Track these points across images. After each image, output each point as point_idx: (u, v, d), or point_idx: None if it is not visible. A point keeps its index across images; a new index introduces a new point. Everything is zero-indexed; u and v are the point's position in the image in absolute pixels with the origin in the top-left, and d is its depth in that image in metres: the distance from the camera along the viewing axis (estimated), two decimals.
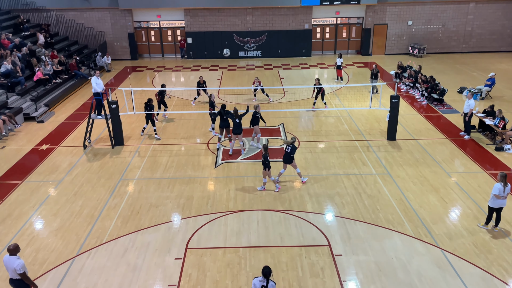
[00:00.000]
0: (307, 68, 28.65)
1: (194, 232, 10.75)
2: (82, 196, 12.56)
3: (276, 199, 12.21)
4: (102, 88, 16.02)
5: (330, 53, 32.65)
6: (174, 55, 32.94)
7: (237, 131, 14.63)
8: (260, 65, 29.58)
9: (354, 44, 33.07)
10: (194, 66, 29.72)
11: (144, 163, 14.69)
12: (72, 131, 17.71)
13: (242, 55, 31.93)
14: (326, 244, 10.25)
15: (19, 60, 21.64)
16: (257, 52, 31.94)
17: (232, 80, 25.48)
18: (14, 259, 7.69)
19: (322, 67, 28.98)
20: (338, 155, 15.08)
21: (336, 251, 9.99)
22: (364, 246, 10.17)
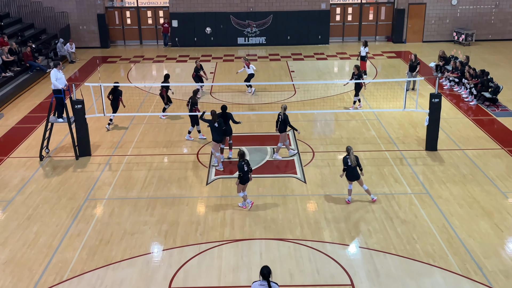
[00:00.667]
0: (323, 59, 28.81)
1: (179, 267, 10.74)
2: (38, 221, 12.59)
3: (285, 225, 12.23)
4: (64, 83, 16.09)
5: (353, 40, 32.85)
6: (155, 42, 33.17)
7: (217, 138, 14.84)
8: (264, 55, 29.75)
9: (384, 29, 33.25)
10: (180, 56, 29.93)
11: (117, 179, 14.73)
12: (25, 138, 17.79)
13: (241, 42, 32.14)
14: (348, 283, 10.23)
15: None
16: (260, 39, 32.15)
17: (228, 74, 25.63)
18: None
19: (343, 57, 29.14)
20: (364, 169, 15.06)
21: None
22: (396, 286, 10.12)
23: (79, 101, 15.77)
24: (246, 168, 12.61)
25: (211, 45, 31.88)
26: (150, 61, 29.06)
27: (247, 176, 12.67)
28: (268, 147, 16.65)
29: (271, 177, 14.64)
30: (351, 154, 12.79)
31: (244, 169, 12.57)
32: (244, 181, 12.71)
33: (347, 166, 12.86)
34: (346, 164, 12.87)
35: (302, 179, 14.57)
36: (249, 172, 12.73)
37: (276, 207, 13.03)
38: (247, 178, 12.72)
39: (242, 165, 12.55)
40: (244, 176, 12.61)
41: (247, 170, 12.62)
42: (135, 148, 16.81)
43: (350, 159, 12.79)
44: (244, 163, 12.59)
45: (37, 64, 25.11)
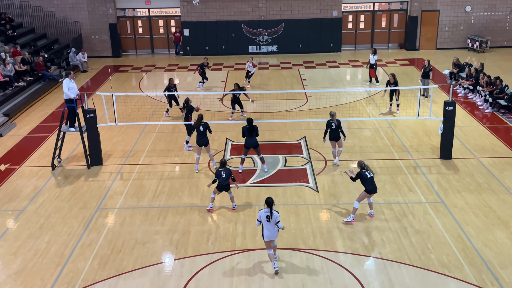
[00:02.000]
0: (335, 67, 28.82)
1: (191, 277, 10.75)
2: (50, 230, 12.68)
3: (297, 234, 12.20)
4: (76, 93, 16.25)
5: (365, 48, 32.84)
6: (167, 51, 33.43)
7: (201, 141, 15.30)
8: (275, 63, 29.84)
9: (397, 36, 33.22)
10: (192, 64, 30.10)
11: (128, 188, 14.81)
12: (37, 148, 17.97)
13: (253, 50, 32.28)
14: None
15: None
16: (272, 47, 32.26)
17: (240, 82, 25.67)
18: None
19: (355, 65, 29.12)
20: (377, 178, 15.00)
21: None
22: None
23: (91, 110, 15.91)
24: (224, 176, 12.84)
25: (222, 54, 32.03)
26: (162, 70, 29.26)
27: (222, 184, 12.96)
28: (280, 156, 16.65)
29: (283, 186, 14.63)
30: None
31: (222, 176, 12.86)
32: (220, 188, 13.05)
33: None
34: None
35: (315, 188, 14.53)
36: (228, 180, 12.95)
37: (288, 217, 13.01)
38: (224, 186, 13.01)
39: (220, 172, 12.88)
40: (220, 184, 12.95)
41: (224, 177, 12.86)
42: (146, 157, 16.89)
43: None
44: (223, 171, 12.85)
45: (49, 74, 25.40)
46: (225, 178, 12.88)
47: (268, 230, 10.43)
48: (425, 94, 22.18)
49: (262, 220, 10.39)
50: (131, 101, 22.43)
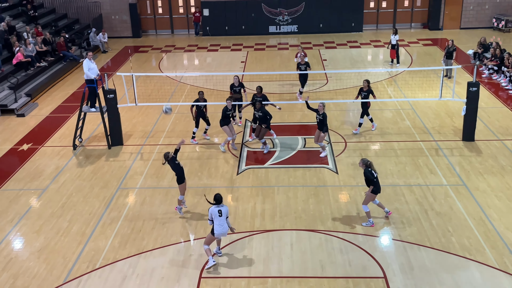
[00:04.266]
0: (357, 47, 28.44)
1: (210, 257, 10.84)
2: (71, 209, 12.87)
3: (316, 216, 12.19)
4: (97, 73, 16.33)
5: (387, 28, 32.28)
6: (186, 32, 33.33)
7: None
8: (295, 44, 29.56)
9: (420, 16, 32.59)
10: (211, 45, 30.00)
11: (148, 168, 14.92)
12: (59, 128, 18.18)
13: (273, 30, 31.99)
14: (380, 275, 10.14)
15: None
16: (292, 27, 31.94)
17: (259, 63, 25.58)
18: None
19: (377, 45, 28.71)
20: (397, 160, 14.89)
21: (394, 285, 9.86)
22: (431, 279, 9.99)
23: (111, 90, 15.99)
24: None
25: (242, 34, 31.83)
26: (181, 50, 29.23)
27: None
28: (300, 137, 16.58)
29: (303, 168, 14.59)
30: (372, 166, 11.55)
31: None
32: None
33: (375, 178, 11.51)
34: (373, 176, 11.46)
35: (334, 169, 14.47)
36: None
37: (307, 198, 12.99)
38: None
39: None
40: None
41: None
42: (166, 137, 16.97)
43: (374, 170, 11.53)
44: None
45: (70, 54, 25.55)
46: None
47: (220, 226, 10.18)
48: (448, 74, 21.80)
49: (214, 216, 10.16)
50: (151, 82, 22.49)
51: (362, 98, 16.38)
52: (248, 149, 15.84)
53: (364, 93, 16.28)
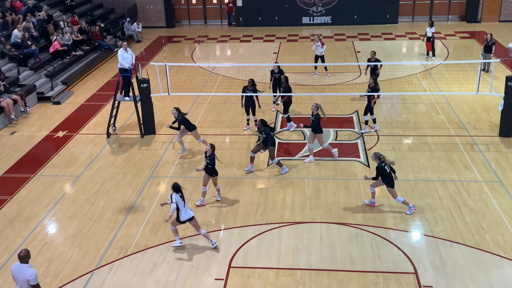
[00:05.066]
0: (391, 39, 28.00)
1: (239, 247, 10.90)
2: (104, 196, 13.11)
3: (347, 209, 12.11)
4: (130, 63, 16.48)
5: (423, 20, 31.64)
6: (219, 22, 33.38)
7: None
8: (329, 35, 29.28)
9: (457, 8, 31.83)
10: (244, 36, 29.97)
11: (179, 157, 15.06)
12: (93, 116, 18.50)
13: (306, 21, 31.75)
14: (411, 271, 10.03)
15: (33, 28, 22.86)
16: (325, 18, 31.63)
17: (292, 55, 25.45)
18: (26, 267, 8.18)
19: (412, 38, 28.20)
20: (431, 154, 14.65)
21: (425, 281, 9.75)
22: (463, 276, 9.83)
23: (144, 80, 16.16)
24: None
25: (275, 25, 31.70)
26: (214, 41, 29.30)
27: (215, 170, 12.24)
28: (331, 129, 16.46)
29: (334, 160, 14.49)
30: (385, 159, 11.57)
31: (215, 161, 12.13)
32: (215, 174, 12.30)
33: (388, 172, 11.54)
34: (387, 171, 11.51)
35: (366, 163, 14.33)
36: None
37: (338, 191, 12.91)
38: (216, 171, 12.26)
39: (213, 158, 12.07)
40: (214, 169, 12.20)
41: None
42: (197, 127, 17.02)
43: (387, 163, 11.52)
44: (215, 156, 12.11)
45: (105, 43, 25.91)
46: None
47: (185, 212, 10.51)
48: (485, 68, 21.27)
49: (179, 203, 10.41)
50: (184, 72, 22.64)
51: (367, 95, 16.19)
52: (278, 141, 15.81)
53: (369, 90, 16.00)
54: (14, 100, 18.11)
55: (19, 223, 12.05)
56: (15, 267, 8.26)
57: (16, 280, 8.26)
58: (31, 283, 8.14)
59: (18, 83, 19.81)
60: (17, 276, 8.19)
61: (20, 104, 18.49)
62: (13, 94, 18.32)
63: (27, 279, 8.11)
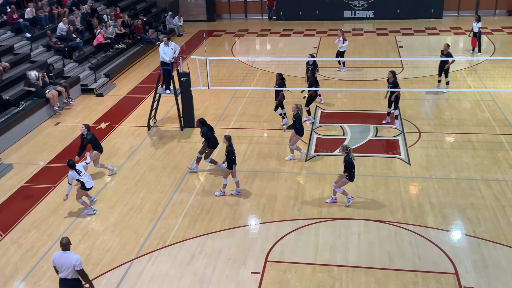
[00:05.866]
0: (435, 34, 27.38)
1: (276, 241, 10.91)
2: (144, 187, 13.34)
3: (386, 207, 11.95)
4: (171, 56, 16.65)
5: (469, 15, 30.80)
6: (260, 16, 33.37)
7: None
8: (371, 29, 28.88)
9: (505, 2, 30.83)
10: (284, 30, 29.88)
11: (218, 150, 15.16)
12: (135, 108, 18.82)
13: (347, 16, 31.39)
14: (452, 271, 9.83)
15: (79, 21, 23.40)
16: (367, 12, 31.18)
17: (332, 49, 25.19)
18: (70, 254, 8.42)
19: (457, 33, 27.50)
20: (475, 153, 14.29)
21: (466, 282, 9.54)
22: (506, 278, 9.58)
23: (185, 73, 16.33)
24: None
25: (316, 19, 31.46)
26: (254, 35, 29.32)
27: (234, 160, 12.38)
28: (371, 125, 16.25)
29: (373, 157, 14.31)
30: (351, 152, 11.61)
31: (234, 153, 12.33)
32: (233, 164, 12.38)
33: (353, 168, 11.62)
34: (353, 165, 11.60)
35: (406, 160, 14.09)
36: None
37: (377, 188, 12.75)
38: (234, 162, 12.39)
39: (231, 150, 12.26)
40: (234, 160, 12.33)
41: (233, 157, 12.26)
42: (236, 121, 17.16)
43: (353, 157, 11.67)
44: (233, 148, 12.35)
45: (147, 37, 26.28)
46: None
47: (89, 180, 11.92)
48: None
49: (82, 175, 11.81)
50: (223, 66, 22.75)
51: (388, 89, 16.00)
52: (317, 136, 15.73)
53: (390, 85, 15.82)
54: (59, 92, 18.61)
55: (62, 212, 12.40)
56: (57, 256, 8.47)
57: (59, 268, 8.47)
58: (77, 268, 8.38)
59: (63, 75, 20.34)
60: (61, 264, 8.40)
61: (64, 96, 19.00)
62: (58, 86, 18.83)
63: (73, 264, 8.34)
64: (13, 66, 19.04)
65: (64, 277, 8.45)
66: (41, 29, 22.21)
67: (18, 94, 17.67)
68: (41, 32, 21.90)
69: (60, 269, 8.47)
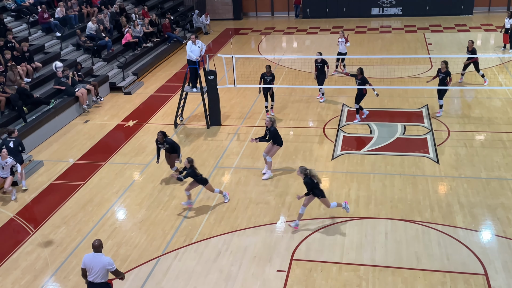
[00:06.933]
0: (465, 31, 26.91)
1: (302, 240, 10.89)
2: (171, 185, 13.46)
3: (413, 206, 11.81)
4: (198, 55, 16.74)
5: (501, 11, 30.18)
6: (286, 14, 33.32)
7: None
8: (399, 26, 28.54)
9: None
10: (311, 27, 29.76)
11: (244, 148, 15.20)
12: (162, 106, 19.00)
13: (375, 12, 31.10)
14: (481, 272, 9.66)
15: (108, 20, 23.73)
16: (396, 9, 30.83)
17: (359, 46, 25.01)
18: (101, 256, 8.47)
19: (488, 29, 26.97)
20: (506, 152, 14.00)
21: (496, 283, 9.37)
22: None
23: (211, 72, 16.40)
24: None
25: (343, 16, 31.23)
26: (281, 33, 29.27)
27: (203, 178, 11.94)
28: (399, 124, 16.07)
29: (401, 155, 14.16)
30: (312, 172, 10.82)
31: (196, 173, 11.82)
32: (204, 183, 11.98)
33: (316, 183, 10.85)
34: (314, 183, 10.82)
35: (435, 159, 13.89)
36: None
37: (404, 187, 12.61)
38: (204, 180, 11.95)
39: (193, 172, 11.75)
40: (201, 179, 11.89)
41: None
42: (262, 119, 17.15)
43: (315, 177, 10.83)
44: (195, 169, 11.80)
45: (174, 36, 26.49)
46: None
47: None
48: None
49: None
50: (250, 64, 22.78)
51: (440, 79, 16.14)
52: (344, 134, 15.63)
53: (442, 75, 15.99)
54: (88, 90, 18.91)
55: (91, 208, 12.61)
56: (89, 257, 8.45)
57: (89, 270, 8.42)
58: (111, 270, 8.44)
59: (92, 73, 20.66)
60: (93, 265, 8.38)
61: (93, 94, 19.29)
62: (87, 84, 19.13)
63: (105, 266, 8.37)
64: (43, 65, 19.42)
65: (93, 280, 8.44)
66: (70, 28, 22.60)
67: (49, 92, 18.01)
68: (71, 31, 22.28)
69: (89, 271, 8.44)
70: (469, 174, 13.00)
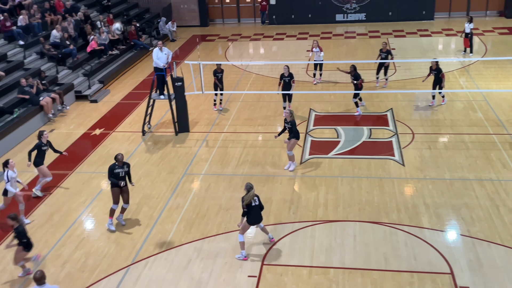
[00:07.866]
0: (427, 36, 27.53)
1: (272, 245, 10.91)
2: (140, 193, 13.31)
3: (381, 208, 11.98)
4: (165, 62, 16.64)
5: (460, 16, 31.00)
6: (253, 20, 33.45)
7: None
8: (363, 32, 28.99)
9: (496, 3, 31.05)
10: (277, 34, 29.95)
11: (213, 155, 15.17)
12: (129, 114, 18.80)
13: (340, 19, 31.51)
14: (447, 271, 9.85)
15: (72, 28, 23.36)
16: (360, 15, 31.32)
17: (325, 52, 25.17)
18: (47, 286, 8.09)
19: (448, 34, 27.66)
20: (468, 153, 14.35)
21: (461, 282, 9.56)
22: (501, 277, 9.61)
23: (179, 78, 16.33)
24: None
25: (308, 23, 31.54)
26: (247, 39, 29.37)
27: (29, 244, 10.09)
28: (365, 127, 16.30)
29: (368, 158, 14.36)
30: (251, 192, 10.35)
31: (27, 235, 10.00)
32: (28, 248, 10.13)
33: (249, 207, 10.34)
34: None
35: (400, 161, 14.14)
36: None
37: (371, 190, 12.78)
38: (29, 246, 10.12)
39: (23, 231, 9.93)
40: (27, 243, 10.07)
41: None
42: (231, 125, 17.17)
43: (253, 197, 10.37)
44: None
45: (140, 43, 26.27)
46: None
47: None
48: None
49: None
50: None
51: (434, 76, 17.23)
52: (311, 139, 15.76)
53: (434, 72, 17.08)
54: (53, 99, 18.56)
55: (57, 219, 12.36)
56: None
57: None
58: None
59: (57, 82, 20.29)
60: None
61: (58, 103, 18.95)
62: (52, 93, 18.78)
63: None
64: (6, 74, 18.98)
65: None
66: (34, 36, 22.16)
67: (12, 101, 17.61)
68: (35, 40, 21.85)
69: None
70: (434, 176, 13.28)
